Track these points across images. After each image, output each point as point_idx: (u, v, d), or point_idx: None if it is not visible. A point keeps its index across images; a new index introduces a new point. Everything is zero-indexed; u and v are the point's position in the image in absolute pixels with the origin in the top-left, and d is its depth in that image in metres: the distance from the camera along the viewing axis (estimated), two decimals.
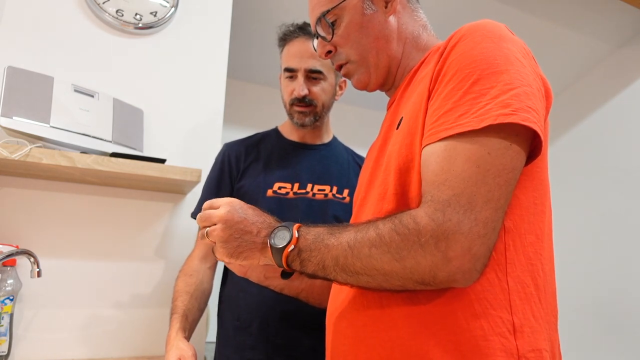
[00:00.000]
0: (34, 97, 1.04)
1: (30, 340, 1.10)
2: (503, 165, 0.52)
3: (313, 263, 0.59)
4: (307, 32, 1.07)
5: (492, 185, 0.51)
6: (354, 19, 0.74)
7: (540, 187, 0.60)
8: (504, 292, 0.54)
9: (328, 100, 1.10)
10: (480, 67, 0.54)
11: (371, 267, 0.54)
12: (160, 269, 1.28)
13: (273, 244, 0.61)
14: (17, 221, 1.13)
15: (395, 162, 0.62)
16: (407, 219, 0.53)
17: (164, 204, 1.31)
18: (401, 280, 0.54)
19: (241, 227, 0.64)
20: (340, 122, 2.75)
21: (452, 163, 0.52)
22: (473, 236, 0.50)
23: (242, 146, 1.16)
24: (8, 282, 1.04)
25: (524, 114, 0.51)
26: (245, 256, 0.65)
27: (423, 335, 0.55)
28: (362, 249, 0.55)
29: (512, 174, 0.53)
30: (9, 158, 0.95)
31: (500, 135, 0.52)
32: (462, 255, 0.50)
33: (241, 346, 0.99)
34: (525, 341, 0.53)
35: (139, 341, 1.22)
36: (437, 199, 0.52)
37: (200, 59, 1.44)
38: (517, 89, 0.53)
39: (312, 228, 0.61)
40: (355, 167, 1.16)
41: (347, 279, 0.57)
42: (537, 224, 0.59)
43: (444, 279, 0.51)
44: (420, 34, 0.77)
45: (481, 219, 0.50)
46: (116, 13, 1.32)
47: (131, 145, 1.20)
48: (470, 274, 0.51)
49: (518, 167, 0.53)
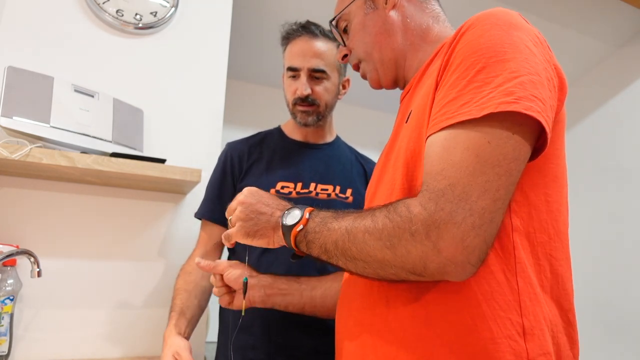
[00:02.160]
0: (34, 97, 1.04)
1: (30, 340, 1.10)
2: (504, 155, 0.49)
3: (317, 245, 0.59)
4: (310, 31, 1.07)
5: (491, 175, 0.49)
6: (358, 20, 0.78)
7: (554, 184, 0.57)
8: (513, 293, 0.52)
9: (331, 99, 1.10)
10: (487, 55, 0.52)
11: (365, 253, 0.54)
12: (160, 269, 1.28)
13: (284, 222, 0.64)
14: (17, 221, 1.13)
15: (403, 156, 0.61)
16: (401, 207, 0.53)
17: (164, 204, 1.31)
18: (394, 269, 0.53)
19: (257, 208, 0.68)
20: (344, 122, 2.76)
21: (450, 152, 0.51)
22: (467, 227, 0.48)
23: (244, 145, 1.15)
24: (8, 282, 1.04)
25: (527, 103, 0.49)
26: (260, 234, 0.67)
27: (429, 336, 0.54)
28: (357, 234, 0.55)
29: (515, 164, 0.50)
30: (9, 158, 0.95)
31: (502, 124, 0.50)
32: (454, 246, 0.48)
33: (243, 346, 0.99)
34: (536, 344, 0.51)
35: (139, 341, 1.22)
36: (432, 189, 0.50)
37: (200, 59, 1.44)
38: (523, 77, 0.51)
39: (322, 212, 0.62)
40: (358, 167, 1.15)
41: (347, 264, 0.58)
42: (551, 222, 0.56)
43: (435, 270, 0.50)
44: (430, 25, 0.75)
45: (477, 209, 0.48)
46: (116, 13, 1.32)
47: (131, 145, 1.20)
48: (463, 267, 0.49)
49: (521, 157, 0.51)
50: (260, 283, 0.87)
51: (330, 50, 1.07)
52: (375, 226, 0.53)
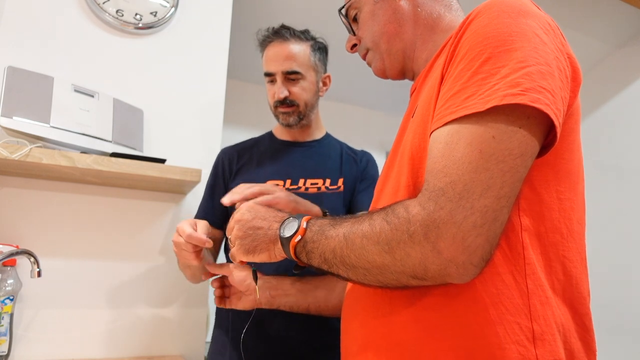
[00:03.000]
0: (34, 97, 1.04)
1: (30, 340, 1.10)
2: (509, 150, 0.46)
3: (316, 255, 0.57)
4: (281, 35, 1.09)
5: (495, 172, 0.46)
6: (368, 9, 0.76)
7: (567, 181, 0.54)
8: (522, 295, 0.49)
9: (310, 98, 1.12)
10: (493, 45, 0.49)
11: (364, 259, 0.52)
12: (160, 269, 1.28)
13: (282, 234, 0.61)
14: (17, 221, 1.13)
15: (408, 152, 0.59)
16: (399, 209, 0.50)
17: (164, 204, 1.31)
18: (395, 274, 0.51)
19: (254, 223, 0.66)
20: (344, 122, 2.76)
21: (453, 149, 0.48)
22: (467, 226, 0.45)
23: (235, 150, 1.19)
24: (8, 282, 1.04)
25: (534, 95, 0.46)
26: (260, 249, 0.65)
27: (433, 341, 0.51)
28: (355, 239, 0.53)
29: (521, 160, 0.47)
30: (9, 158, 0.95)
31: (508, 117, 0.47)
32: (454, 246, 0.46)
33: (237, 341, 1.00)
34: (546, 350, 0.48)
35: (139, 341, 1.22)
36: (433, 187, 0.48)
37: (200, 59, 1.44)
38: (531, 67, 0.47)
39: (320, 220, 0.60)
40: (349, 159, 1.16)
41: (348, 272, 0.55)
42: (564, 221, 0.53)
43: (436, 272, 0.48)
44: (441, 14, 0.72)
45: (478, 207, 0.45)
46: (116, 13, 1.32)
47: (131, 145, 1.20)
48: (466, 268, 0.47)
49: (528, 153, 0.48)
50: (264, 285, 0.89)
51: (303, 50, 1.10)
52: (372, 230, 0.51)
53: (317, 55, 1.13)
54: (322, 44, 1.16)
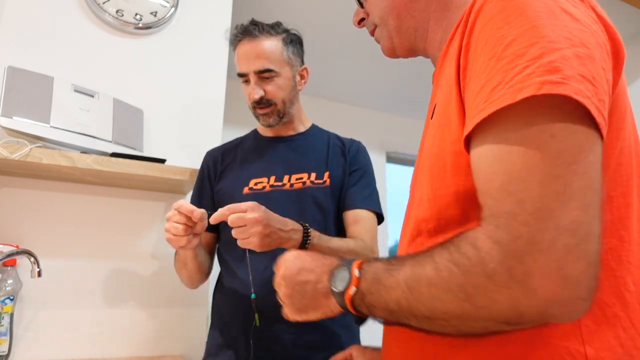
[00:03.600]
0: (34, 97, 1.04)
1: (30, 340, 1.10)
2: (579, 148, 0.38)
3: (379, 309, 0.48)
4: (249, 32, 1.04)
5: (569, 178, 0.37)
6: None
7: (618, 176, 0.45)
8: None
9: (287, 94, 1.08)
10: (516, 25, 0.41)
11: (438, 310, 0.42)
12: (160, 269, 1.28)
13: (334, 289, 0.52)
14: (17, 221, 1.13)
15: (428, 162, 0.53)
16: (465, 246, 0.41)
17: (164, 203, 1.31)
18: (480, 322, 0.42)
19: (300, 278, 0.57)
20: (344, 122, 2.76)
21: (504, 160, 0.39)
22: (559, 251, 0.36)
23: (219, 151, 1.18)
24: (8, 282, 1.04)
25: (575, 85, 0.38)
26: (312, 307, 0.57)
27: None
28: (421, 289, 0.43)
29: (594, 157, 0.38)
30: (9, 158, 0.95)
31: (551, 111, 0.38)
32: (550, 280, 0.36)
33: (230, 342, 1.00)
34: None
35: (139, 341, 1.22)
36: (497, 212, 0.39)
37: (200, 59, 1.44)
38: (565, 50, 0.39)
39: (373, 264, 0.50)
40: (336, 148, 1.13)
41: (422, 323, 0.46)
42: (620, 222, 0.44)
43: (535, 316, 0.38)
44: None
45: (564, 225, 0.36)
46: (116, 13, 1.32)
47: (131, 145, 1.20)
48: (574, 305, 0.37)
49: (597, 148, 0.39)
50: None
51: (275, 46, 1.05)
52: (439, 275, 0.42)
53: (291, 48, 1.08)
54: (296, 35, 1.10)
